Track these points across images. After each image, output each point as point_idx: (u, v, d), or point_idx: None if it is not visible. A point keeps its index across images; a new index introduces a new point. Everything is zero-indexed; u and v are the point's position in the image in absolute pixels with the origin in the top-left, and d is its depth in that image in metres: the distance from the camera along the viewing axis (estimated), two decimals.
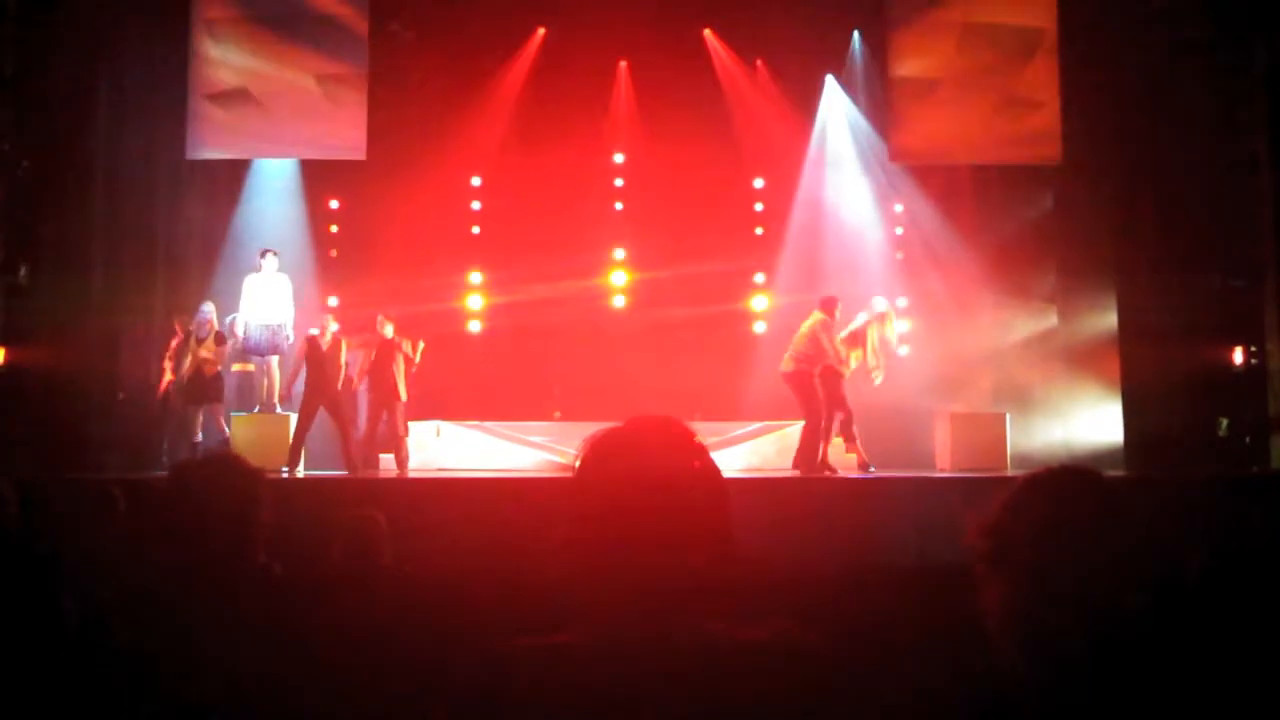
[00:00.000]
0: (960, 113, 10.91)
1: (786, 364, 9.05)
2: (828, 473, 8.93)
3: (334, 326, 9.79)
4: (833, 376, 9.02)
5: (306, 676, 2.06)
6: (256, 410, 10.04)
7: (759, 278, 12.19)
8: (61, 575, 2.31)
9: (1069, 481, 1.58)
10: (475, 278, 12.13)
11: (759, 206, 12.32)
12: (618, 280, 12.20)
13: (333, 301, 11.38)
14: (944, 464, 9.99)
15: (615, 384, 10.47)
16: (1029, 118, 10.85)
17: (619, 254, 12.28)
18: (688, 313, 11.34)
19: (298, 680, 2.02)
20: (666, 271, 11.67)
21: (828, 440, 9.11)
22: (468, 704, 1.40)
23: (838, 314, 9.18)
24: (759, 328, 11.97)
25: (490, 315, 12.04)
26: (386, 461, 10.13)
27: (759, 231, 12.21)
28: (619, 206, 12.28)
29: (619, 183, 12.25)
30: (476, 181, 12.12)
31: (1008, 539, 1.54)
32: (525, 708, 1.36)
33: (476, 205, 12.15)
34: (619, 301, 12.14)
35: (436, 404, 10.98)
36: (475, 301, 12.14)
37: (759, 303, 12.09)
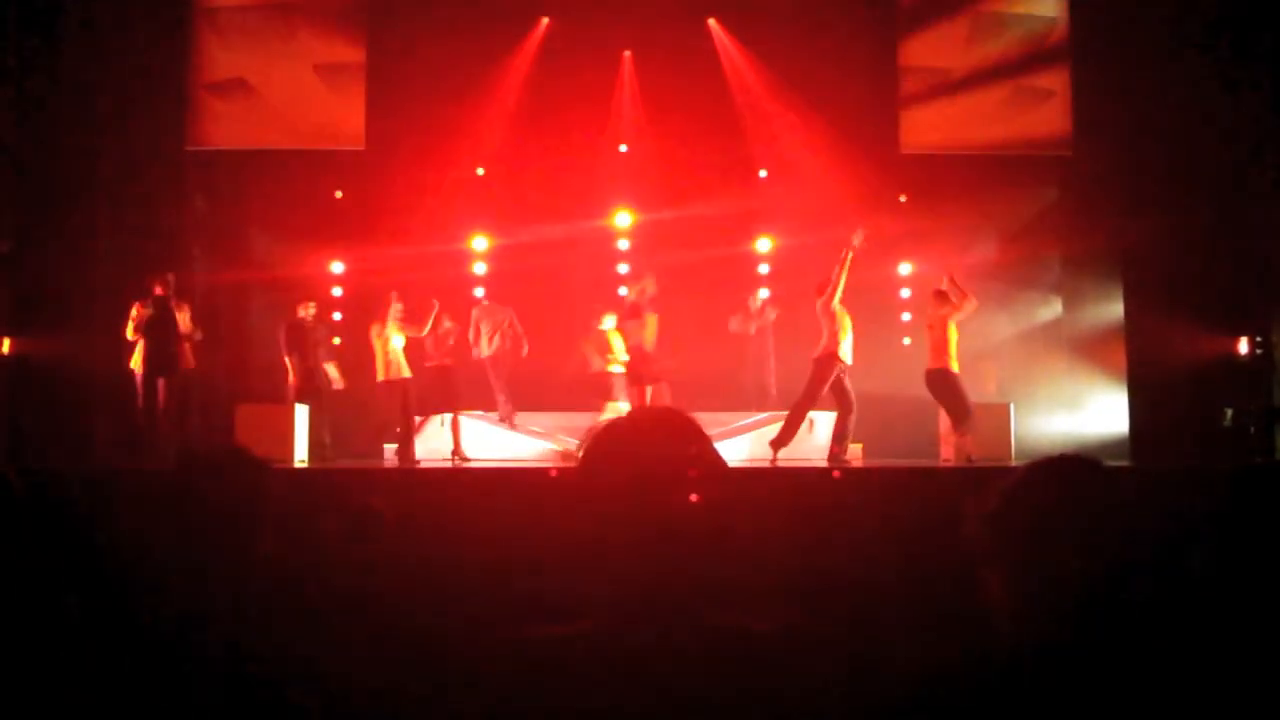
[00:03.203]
0: (970, 103, 10.90)
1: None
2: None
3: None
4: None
5: (313, 668, 2.07)
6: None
7: (763, 269, 12.19)
8: (64, 566, 2.32)
9: (1069, 470, 1.58)
10: (479, 269, 12.12)
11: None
12: (622, 270, 12.20)
13: (337, 291, 11.41)
14: (948, 454, 9.99)
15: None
16: (1039, 109, 10.84)
17: (623, 245, 12.28)
18: (691, 304, 11.31)
19: (304, 672, 2.03)
20: (670, 262, 11.65)
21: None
22: (475, 694, 1.41)
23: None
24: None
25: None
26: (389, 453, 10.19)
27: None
28: (620, 199, 12.26)
29: (622, 174, 12.23)
30: (479, 172, 12.10)
31: (1009, 527, 1.55)
32: (531, 698, 1.37)
33: (478, 197, 12.14)
34: (621, 293, 12.12)
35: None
36: (479, 293, 12.12)
37: (763, 293, 12.07)
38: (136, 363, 9.28)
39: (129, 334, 9.28)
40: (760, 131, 11.88)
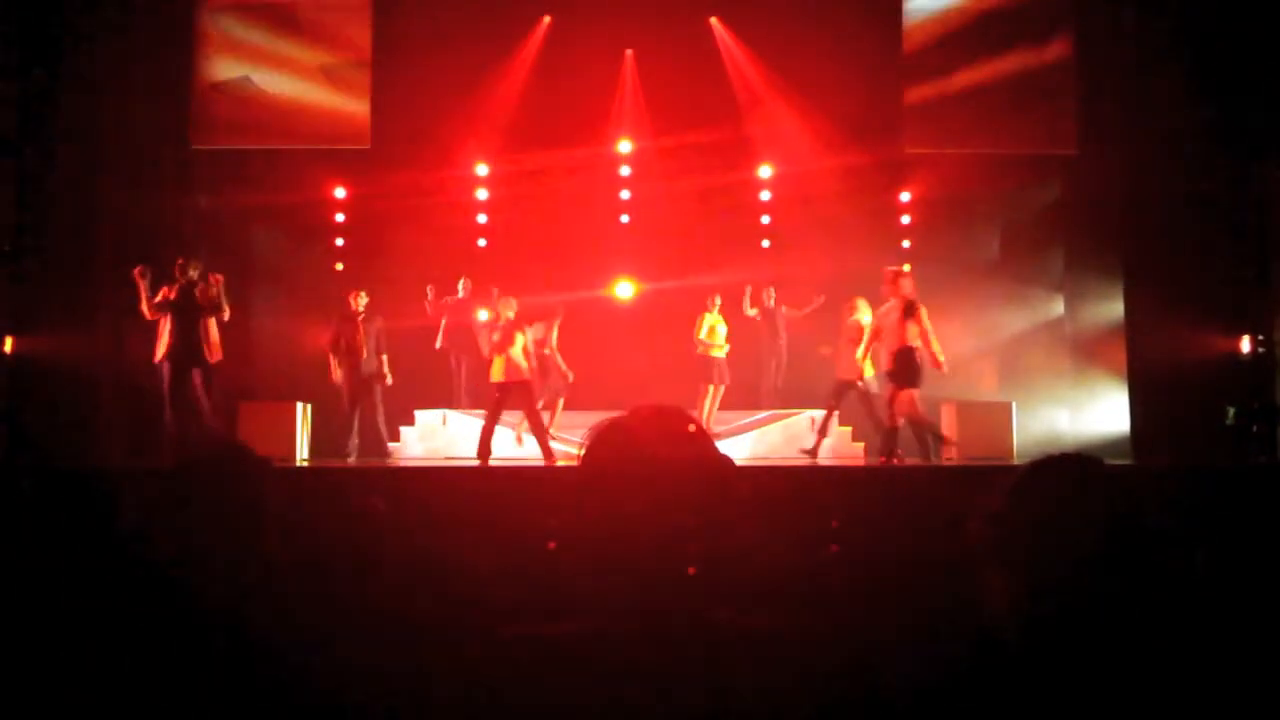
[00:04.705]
0: (975, 101, 10.89)
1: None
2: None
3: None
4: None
5: (313, 668, 2.07)
6: None
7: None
8: (68, 566, 2.32)
9: (1071, 469, 1.58)
10: (481, 265, 12.12)
11: (765, 195, 12.31)
12: (624, 271, 12.21)
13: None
14: (950, 453, 9.98)
15: (620, 374, 10.47)
16: (1044, 107, 10.83)
17: (626, 242, 12.29)
18: (694, 301, 11.32)
19: (304, 672, 2.03)
20: (673, 261, 11.66)
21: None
22: (470, 691, 1.41)
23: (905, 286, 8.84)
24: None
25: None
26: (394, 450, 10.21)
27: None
28: (625, 196, 12.27)
29: (625, 171, 12.23)
30: (481, 170, 12.10)
31: (1010, 526, 1.54)
32: (528, 696, 1.37)
33: (481, 194, 12.14)
34: (626, 290, 12.14)
35: (444, 392, 11.03)
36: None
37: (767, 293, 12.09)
38: (161, 355, 8.69)
39: (147, 312, 8.63)
40: (764, 131, 11.87)
